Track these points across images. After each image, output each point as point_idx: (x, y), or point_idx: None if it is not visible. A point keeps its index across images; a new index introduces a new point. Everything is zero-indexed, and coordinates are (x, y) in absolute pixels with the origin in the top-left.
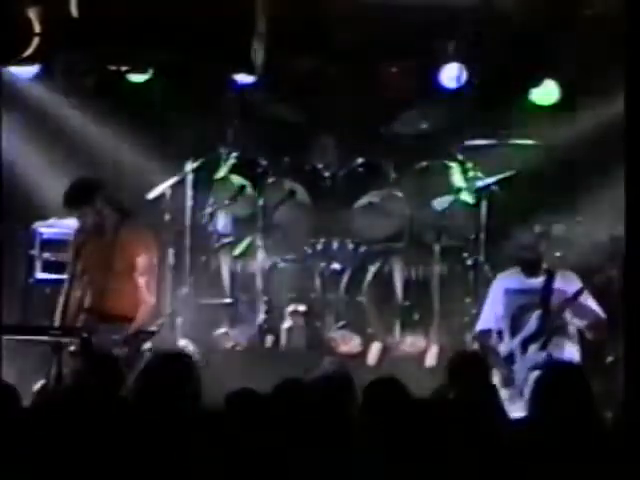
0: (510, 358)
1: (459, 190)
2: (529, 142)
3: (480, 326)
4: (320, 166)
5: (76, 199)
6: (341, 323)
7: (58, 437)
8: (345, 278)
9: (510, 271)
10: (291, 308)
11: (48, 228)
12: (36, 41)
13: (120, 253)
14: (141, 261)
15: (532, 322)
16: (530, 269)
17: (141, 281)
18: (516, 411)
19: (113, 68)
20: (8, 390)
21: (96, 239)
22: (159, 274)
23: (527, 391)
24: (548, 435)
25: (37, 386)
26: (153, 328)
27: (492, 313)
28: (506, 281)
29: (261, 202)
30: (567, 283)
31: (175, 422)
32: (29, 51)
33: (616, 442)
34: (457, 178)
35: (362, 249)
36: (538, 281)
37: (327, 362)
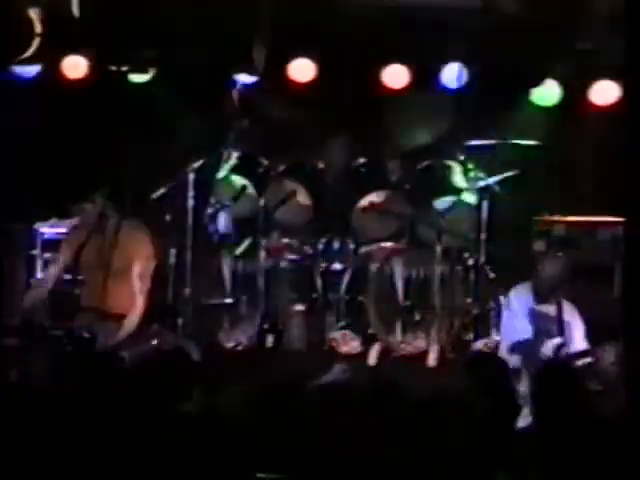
0: None
1: (460, 190)
2: (530, 142)
3: (515, 337)
4: (321, 166)
5: (78, 197)
6: (342, 323)
7: (57, 435)
8: (346, 278)
9: (522, 291)
10: (292, 308)
11: (49, 228)
12: (37, 41)
13: (119, 253)
14: (138, 265)
15: (548, 349)
16: (547, 298)
17: (136, 285)
18: None
19: (113, 68)
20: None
21: (96, 239)
22: (158, 275)
23: None
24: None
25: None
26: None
27: (525, 324)
28: (525, 300)
29: (262, 202)
30: (572, 316)
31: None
32: (30, 51)
33: (616, 442)
34: (458, 178)
35: (363, 249)
36: (552, 308)
37: (337, 368)
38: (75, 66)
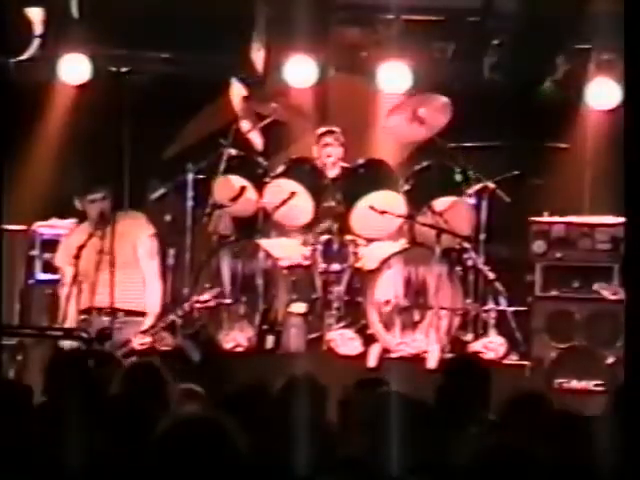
0: None
1: (460, 191)
2: (530, 142)
3: None
4: (321, 166)
5: (78, 197)
6: (341, 324)
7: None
8: (345, 279)
9: None
10: (291, 309)
11: (48, 228)
12: (37, 42)
13: (121, 244)
14: (141, 245)
15: None
16: None
17: (145, 265)
18: None
19: (113, 68)
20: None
21: (96, 237)
22: (161, 269)
23: None
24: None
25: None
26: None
27: None
28: None
29: (261, 202)
30: None
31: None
32: (30, 52)
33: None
34: (458, 178)
35: (362, 249)
36: None
37: None
38: (75, 66)
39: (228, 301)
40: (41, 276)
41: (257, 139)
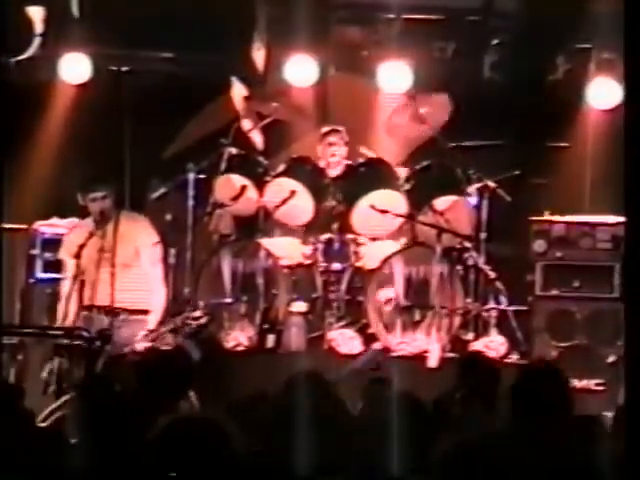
0: None
1: (460, 190)
2: (531, 142)
3: None
4: (321, 165)
5: (79, 195)
6: (342, 323)
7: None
8: (346, 278)
9: None
10: (292, 308)
11: (49, 227)
12: (37, 41)
13: (123, 245)
14: (146, 252)
15: None
16: None
17: (150, 273)
18: None
19: (114, 68)
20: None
21: (97, 236)
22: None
23: None
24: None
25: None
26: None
27: None
28: None
29: (262, 201)
30: None
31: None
32: (31, 51)
33: (616, 442)
34: (458, 178)
35: (363, 249)
36: None
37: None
38: (75, 65)
39: (229, 300)
40: (42, 275)
41: (258, 138)
